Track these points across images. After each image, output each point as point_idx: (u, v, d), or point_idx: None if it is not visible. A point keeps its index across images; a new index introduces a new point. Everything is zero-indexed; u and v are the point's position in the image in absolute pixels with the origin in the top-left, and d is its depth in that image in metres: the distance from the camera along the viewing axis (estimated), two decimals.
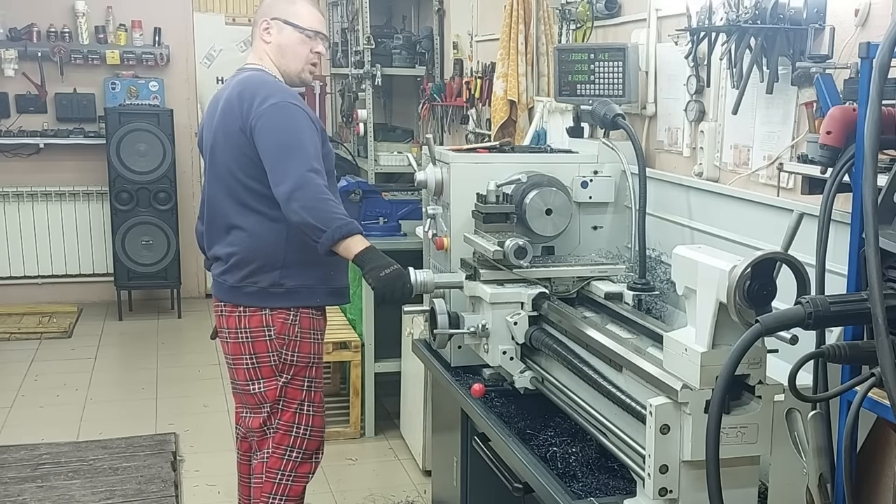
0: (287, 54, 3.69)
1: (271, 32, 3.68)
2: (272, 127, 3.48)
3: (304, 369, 3.70)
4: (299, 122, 3.50)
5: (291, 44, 3.68)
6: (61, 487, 5.03)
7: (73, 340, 7.97)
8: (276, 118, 3.49)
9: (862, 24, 2.66)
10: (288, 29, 3.67)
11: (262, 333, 3.63)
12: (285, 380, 3.67)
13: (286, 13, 3.68)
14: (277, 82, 3.63)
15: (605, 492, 2.62)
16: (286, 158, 3.43)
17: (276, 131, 3.48)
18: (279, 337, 3.63)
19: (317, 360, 3.75)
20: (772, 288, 2.04)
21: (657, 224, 3.53)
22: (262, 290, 3.62)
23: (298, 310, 3.65)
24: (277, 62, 3.70)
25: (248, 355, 3.66)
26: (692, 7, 3.30)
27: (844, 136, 2.29)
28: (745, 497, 2.26)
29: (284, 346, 3.64)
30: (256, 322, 3.63)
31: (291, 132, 3.47)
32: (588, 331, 2.78)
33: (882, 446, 2.41)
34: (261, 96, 3.52)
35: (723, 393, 1.87)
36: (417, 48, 7.25)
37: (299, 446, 3.73)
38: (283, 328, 3.63)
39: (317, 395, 3.78)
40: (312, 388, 3.75)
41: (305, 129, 3.50)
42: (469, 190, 3.50)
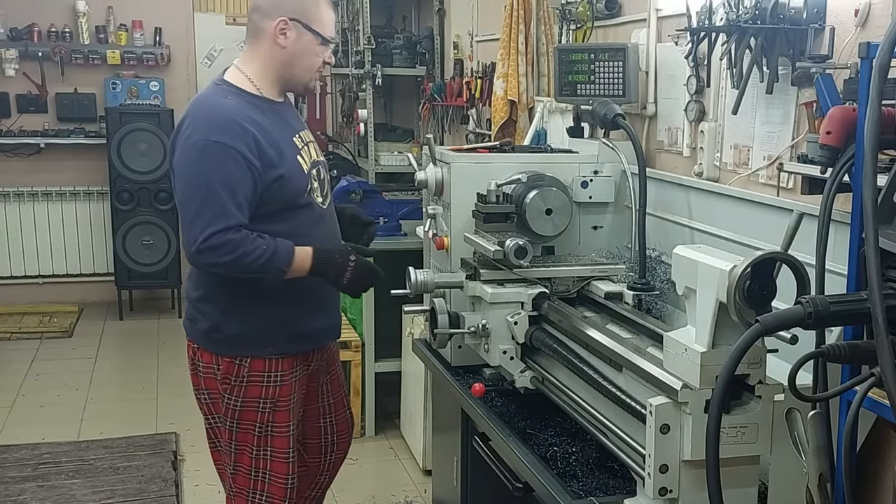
0: (299, 64, 3.24)
1: (288, 35, 3.18)
2: (182, 172, 3.12)
3: (253, 414, 3.28)
4: (215, 168, 3.04)
5: (308, 53, 3.23)
6: (62, 487, 5.03)
7: (74, 340, 7.97)
8: (188, 161, 3.09)
9: (862, 25, 2.66)
10: (308, 36, 3.20)
11: (211, 371, 3.30)
12: (231, 424, 3.31)
13: (309, 15, 3.20)
14: (220, 106, 3.14)
15: (605, 491, 2.62)
16: (191, 214, 3.08)
17: (185, 179, 3.12)
18: (224, 379, 3.27)
19: (271, 404, 3.30)
20: (772, 288, 2.04)
21: (657, 224, 3.53)
22: (204, 333, 3.29)
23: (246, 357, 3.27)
24: (283, 70, 3.24)
25: (202, 389, 3.37)
26: (692, 7, 3.30)
27: (844, 136, 2.29)
28: (745, 497, 2.26)
29: (228, 390, 3.27)
30: (207, 359, 3.30)
31: (201, 183, 3.05)
32: (588, 330, 2.78)
33: (882, 446, 2.41)
34: (188, 129, 3.11)
35: (723, 393, 1.87)
36: (418, 48, 7.25)
37: (261, 489, 3.35)
38: (230, 369, 3.26)
39: (278, 441, 3.33)
40: (269, 433, 3.31)
41: (222, 176, 3.04)
42: (469, 190, 3.49)
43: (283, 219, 3.21)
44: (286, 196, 3.20)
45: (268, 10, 3.19)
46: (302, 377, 3.41)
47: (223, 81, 3.26)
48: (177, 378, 6.85)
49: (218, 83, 3.26)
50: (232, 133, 3.06)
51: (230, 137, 3.05)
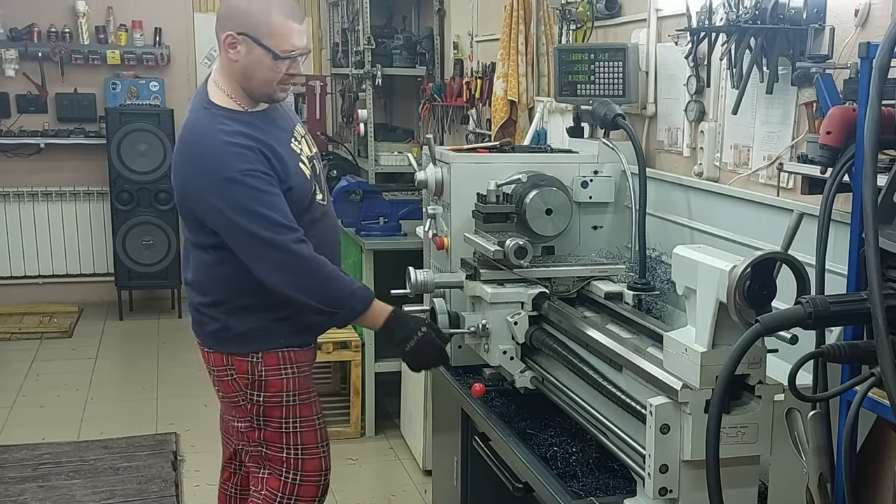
0: (254, 78, 3.09)
1: (238, 49, 3.05)
2: (223, 209, 2.99)
3: (276, 409, 3.25)
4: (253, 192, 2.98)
5: (261, 67, 3.06)
6: (62, 487, 5.03)
7: (74, 340, 7.97)
8: (221, 201, 2.99)
9: (862, 25, 2.66)
10: (258, 50, 3.04)
11: (224, 373, 3.25)
12: (258, 423, 3.26)
13: (257, 28, 3.03)
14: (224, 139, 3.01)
15: (605, 491, 2.62)
16: (252, 240, 3.00)
17: (228, 214, 2.99)
18: (242, 377, 3.22)
19: (293, 397, 3.25)
20: (772, 288, 2.05)
21: (657, 224, 3.53)
22: (213, 334, 3.24)
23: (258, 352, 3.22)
24: (241, 82, 3.11)
25: (220, 391, 3.34)
26: (692, 7, 3.30)
27: (844, 136, 2.29)
28: (745, 497, 2.26)
29: (250, 385, 3.22)
30: (218, 360, 3.26)
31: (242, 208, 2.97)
32: (588, 330, 2.78)
33: (882, 446, 2.41)
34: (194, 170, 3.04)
35: (723, 393, 1.87)
36: (418, 48, 7.26)
37: (290, 493, 3.30)
38: (244, 367, 3.21)
39: (307, 436, 3.29)
40: (295, 428, 3.27)
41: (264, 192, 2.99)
42: (469, 190, 3.49)
43: None
44: (293, 204, 3.11)
45: (222, 21, 3.10)
46: (311, 375, 3.37)
47: (210, 104, 3.13)
48: (177, 378, 6.86)
49: (206, 107, 3.14)
50: (244, 157, 2.99)
51: (246, 162, 2.99)
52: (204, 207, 3.04)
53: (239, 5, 3.07)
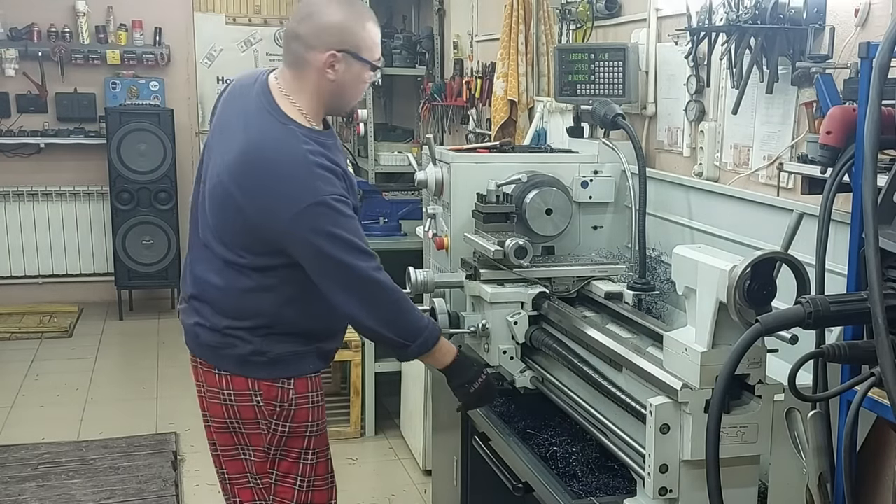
0: (346, 94, 2.94)
1: (337, 69, 2.86)
2: (307, 237, 2.79)
3: (298, 440, 3.04)
4: (340, 217, 2.80)
5: (357, 81, 2.93)
6: (62, 487, 5.02)
7: (74, 340, 7.96)
8: (310, 226, 2.78)
9: (862, 24, 2.66)
10: (357, 65, 2.88)
11: (247, 398, 2.99)
12: (275, 453, 3.03)
13: (357, 43, 2.87)
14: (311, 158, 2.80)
15: (605, 491, 2.62)
16: (337, 267, 2.81)
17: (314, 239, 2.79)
18: (268, 404, 2.98)
19: (315, 428, 3.06)
20: (772, 288, 2.05)
21: (657, 224, 3.53)
22: (240, 358, 2.97)
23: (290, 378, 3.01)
24: (329, 100, 2.93)
25: (233, 419, 3.04)
26: (692, 7, 3.30)
27: (844, 135, 2.29)
28: (745, 496, 2.26)
29: (276, 415, 2.98)
30: (240, 384, 2.98)
31: (331, 235, 2.78)
32: (588, 330, 2.78)
33: (882, 446, 2.41)
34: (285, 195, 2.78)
35: (723, 392, 1.87)
36: (418, 48, 7.26)
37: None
38: (273, 393, 2.97)
39: (320, 467, 3.10)
40: (311, 460, 3.08)
41: (348, 217, 2.83)
42: (469, 190, 3.50)
43: None
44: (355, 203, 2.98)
45: (312, 41, 2.85)
46: None
47: (288, 120, 2.88)
48: (177, 378, 6.86)
49: (284, 122, 2.87)
50: (330, 181, 2.80)
51: (333, 185, 2.80)
52: (284, 229, 2.79)
53: (333, 21, 2.86)
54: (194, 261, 3.07)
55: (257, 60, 8.85)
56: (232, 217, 2.88)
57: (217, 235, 2.95)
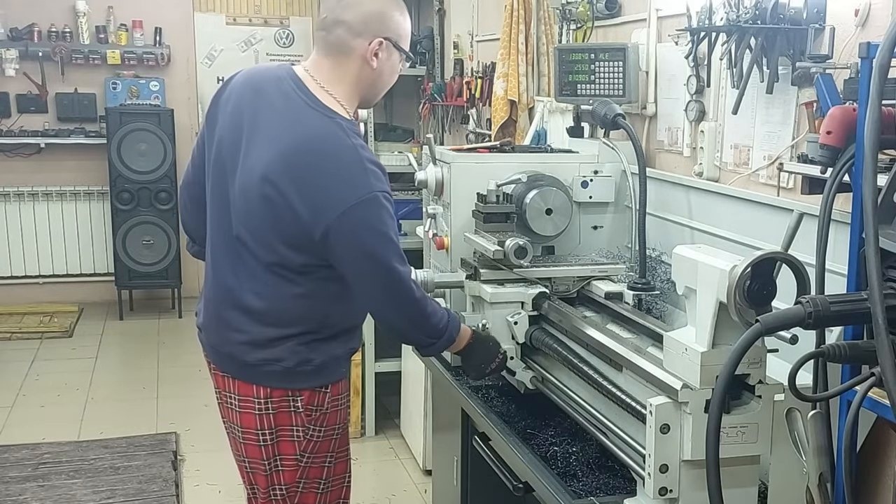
0: (381, 84, 2.94)
1: (380, 56, 2.84)
2: (356, 233, 2.72)
3: (328, 443, 2.98)
4: (388, 216, 2.76)
5: (393, 71, 2.93)
6: (62, 487, 5.02)
7: (74, 340, 7.97)
8: (361, 222, 2.72)
9: (862, 24, 2.66)
10: (396, 55, 2.89)
11: (286, 404, 2.89)
12: (308, 460, 2.96)
13: (399, 31, 2.87)
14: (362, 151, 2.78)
15: (605, 491, 2.62)
16: (374, 269, 2.77)
17: (361, 237, 2.74)
18: (308, 409, 2.90)
19: (341, 429, 3.03)
20: (772, 288, 2.04)
21: (657, 224, 3.53)
22: (285, 372, 2.87)
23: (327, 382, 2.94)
24: (367, 90, 2.92)
25: (265, 430, 2.91)
26: (692, 7, 3.30)
27: (844, 135, 2.29)
28: (745, 496, 2.26)
29: (314, 420, 2.92)
30: (280, 394, 2.88)
31: (380, 233, 2.74)
32: (588, 330, 2.78)
33: (882, 446, 2.41)
34: (338, 190, 2.70)
35: (723, 392, 1.87)
36: (418, 48, 7.26)
37: None
38: (313, 399, 2.90)
39: (339, 467, 3.06)
40: (335, 461, 3.03)
41: (393, 219, 2.79)
42: (469, 190, 3.49)
43: None
44: None
45: (359, 28, 2.81)
46: None
47: (332, 113, 2.82)
48: (177, 378, 6.86)
49: (328, 115, 2.81)
50: (380, 177, 2.75)
51: (382, 182, 2.76)
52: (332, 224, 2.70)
53: (378, 8, 2.84)
54: (221, 266, 2.94)
55: (258, 60, 8.82)
56: (280, 217, 2.76)
57: (257, 237, 2.82)
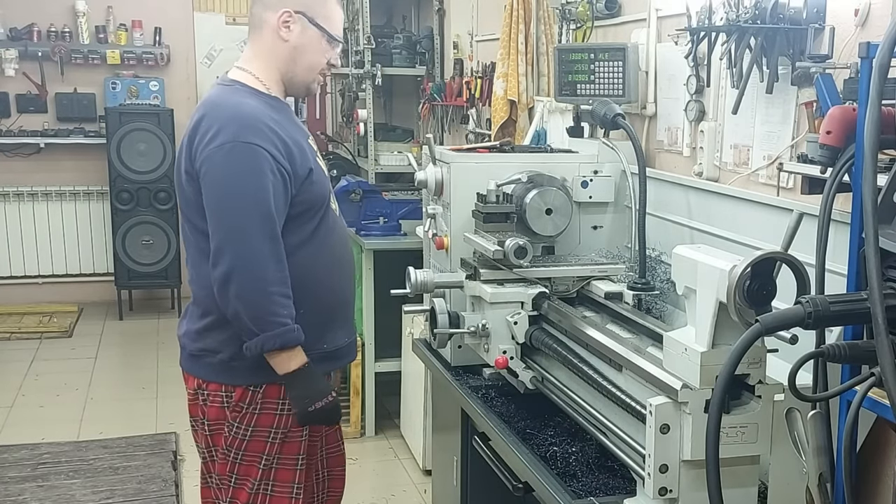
0: (301, 61, 2.99)
1: (292, 28, 2.94)
2: (214, 178, 2.79)
3: (261, 444, 3.00)
4: (250, 172, 2.78)
5: (311, 49, 2.98)
6: (61, 487, 5.03)
7: (74, 340, 7.97)
8: (220, 166, 2.78)
9: (862, 24, 2.66)
10: (312, 31, 2.97)
11: (219, 399, 3.01)
12: (235, 455, 3.02)
13: (314, 9, 2.97)
14: (242, 106, 2.88)
15: (605, 491, 2.62)
16: (225, 226, 2.78)
17: (217, 185, 2.80)
18: (236, 406, 2.98)
19: (282, 435, 3.01)
20: (771, 287, 2.04)
21: (657, 224, 3.53)
22: (218, 365, 2.98)
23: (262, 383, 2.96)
24: (284, 67, 3.00)
25: (202, 419, 3.09)
26: (692, 7, 3.30)
27: (844, 135, 2.29)
28: (745, 496, 2.26)
29: (238, 418, 2.98)
30: (215, 387, 3.01)
31: (236, 187, 2.78)
32: (588, 330, 2.78)
33: (882, 446, 2.41)
34: (212, 130, 2.81)
35: (723, 392, 1.87)
36: (418, 48, 7.25)
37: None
38: (243, 396, 2.97)
39: (282, 473, 3.04)
40: (274, 465, 3.02)
41: (260, 179, 2.78)
42: (469, 190, 3.49)
43: (307, 223, 2.98)
44: (314, 197, 2.97)
45: (271, 1, 2.96)
46: None
47: (233, 81, 3.00)
48: (176, 378, 6.77)
49: (227, 84, 3.00)
50: (260, 133, 2.81)
51: (259, 138, 2.80)
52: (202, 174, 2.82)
53: None
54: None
55: None
56: (184, 183, 2.90)
57: (184, 214, 2.98)
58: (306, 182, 2.93)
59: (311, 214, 2.98)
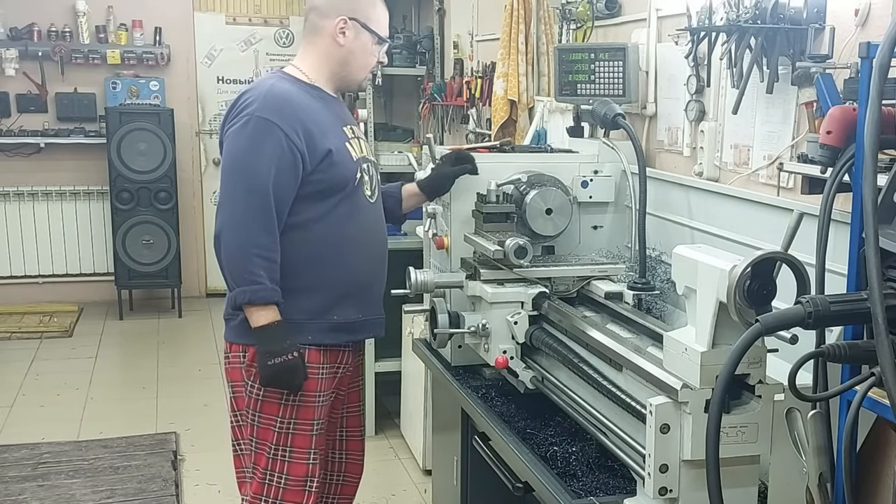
0: (355, 63, 3.26)
1: (347, 35, 3.20)
2: (227, 147, 3.12)
3: (275, 407, 3.19)
4: (256, 146, 3.05)
5: (364, 51, 3.25)
6: (62, 486, 5.02)
7: (74, 340, 7.96)
8: (233, 136, 3.10)
9: (862, 24, 2.66)
10: (365, 35, 3.23)
11: (237, 359, 3.23)
12: (252, 418, 3.22)
13: (367, 14, 3.24)
14: (273, 87, 3.14)
15: (605, 491, 2.61)
16: (228, 189, 3.09)
17: (227, 153, 3.12)
18: (250, 366, 3.18)
19: (295, 399, 3.19)
20: (772, 287, 2.04)
21: (657, 224, 3.53)
22: (237, 326, 3.19)
23: None
24: (338, 68, 3.26)
25: (228, 382, 3.31)
26: (692, 7, 3.30)
27: (844, 135, 2.29)
28: (745, 496, 2.26)
29: (253, 376, 3.18)
30: (235, 348, 3.23)
31: (238, 159, 3.07)
32: (588, 330, 2.78)
33: (882, 446, 2.41)
34: (240, 105, 3.14)
35: (723, 392, 1.87)
36: (418, 48, 7.26)
37: (274, 496, 3.22)
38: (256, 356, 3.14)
39: (299, 439, 3.21)
40: (290, 430, 3.21)
41: (263, 153, 3.04)
42: (469, 189, 3.49)
43: (324, 201, 3.17)
44: (335, 178, 3.17)
45: (326, 10, 3.22)
46: (329, 378, 3.29)
47: (279, 70, 3.33)
48: (177, 378, 6.86)
49: (272, 71, 3.34)
50: (279, 112, 3.08)
51: (276, 116, 3.07)
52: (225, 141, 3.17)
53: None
54: None
55: (257, 60, 8.85)
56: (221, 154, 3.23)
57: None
58: (324, 162, 3.14)
59: (331, 193, 3.18)
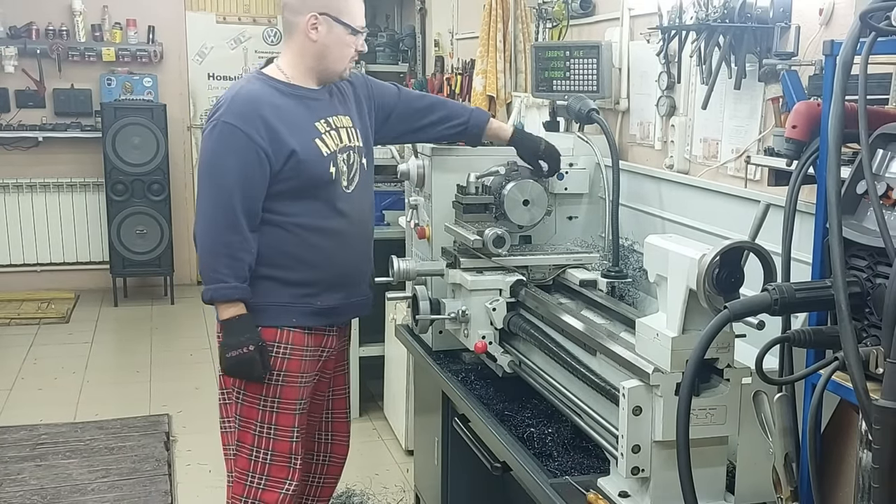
0: (331, 56, 3.15)
1: (319, 30, 3.11)
2: (201, 152, 3.13)
3: (259, 386, 3.17)
4: (221, 151, 3.03)
5: (339, 43, 3.15)
6: (59, 466, 4.99)
7: (71, 325, 7.91)
8: (203, 142, 3.11)
9: (826, 23, 2.66)
10: (338, 28, 3.13)
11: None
12: (237, 396, 3.20)
13: (337, 8, 3.13)
14: (241, 90, 3.11)
15: (579, 470, 2.61)
16: (200, 191, 3.11)
17: (201, 157, 3.12)
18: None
19: (277, 378, 3.18)
20: (739, 275, 2.04)
21: (630, 214, 3.52)
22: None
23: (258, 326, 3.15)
24: (315, 62, 3.16)
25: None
26: (663, 6, 3.28)
27: (809, 130, 2.28)
28: (714, 476, 2.26)
29: None
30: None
31: (206, 163, 3.07)
32: (564, 316, 2.77)
33: (845, 427, 2.40)
34: (211, 112, 3.12)
35: (693, 376, 1.86)
36: (400, 46, 7.24)
37: (261, 472, 3.21)
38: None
39: (283, 417, 3.20)
40: (275, 409, 3.19)
41: (228, 157, 3.02)
42: (450, 181, 3.48)
43: (300, 199, 3.14)
44: (303, 177, 3.11)
45: (297, 6, 3.13)
46: (312, 360, 3.27)
47: (256, 72, 3.27)
48: (169, 362, 6.83)
49: (250, 74, 3.28)
50: (242, 115, 3.03)
51: (239, 119, 3.02)
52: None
53: None
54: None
55: (246, 57, 8.81)
56: None
57: None
58: (291, 161, 3.08)
59: (304, 191, 3.13)
